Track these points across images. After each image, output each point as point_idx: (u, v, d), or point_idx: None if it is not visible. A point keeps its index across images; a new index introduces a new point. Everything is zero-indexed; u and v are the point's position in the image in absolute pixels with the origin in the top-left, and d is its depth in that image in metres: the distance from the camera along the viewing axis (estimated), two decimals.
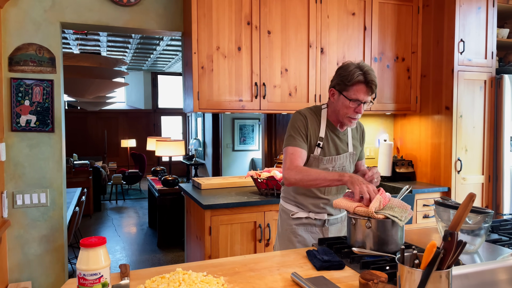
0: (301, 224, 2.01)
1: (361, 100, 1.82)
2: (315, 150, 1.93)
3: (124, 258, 4.94)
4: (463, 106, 3.38)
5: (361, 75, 1.79)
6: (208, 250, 2.66)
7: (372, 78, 1.79)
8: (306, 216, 2.00)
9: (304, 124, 1.92)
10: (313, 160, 1.94)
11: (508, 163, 3.45)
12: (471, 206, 0.98)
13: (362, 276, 1.31)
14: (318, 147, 1.92)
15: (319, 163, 1.93)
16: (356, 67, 1.82)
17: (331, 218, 2.03)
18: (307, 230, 2.00)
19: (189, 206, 3.19)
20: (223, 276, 1.41)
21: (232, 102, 3.02)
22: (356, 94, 1.81)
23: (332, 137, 1.97)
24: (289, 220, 2.03)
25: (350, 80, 1.80)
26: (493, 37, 3.44)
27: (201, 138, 10.36)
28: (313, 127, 1.93)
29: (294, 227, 2.01)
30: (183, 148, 5.51)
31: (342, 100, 1.86)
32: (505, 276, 1.31)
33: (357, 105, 1.83)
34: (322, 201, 1.98)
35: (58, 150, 2.94)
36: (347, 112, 1.86)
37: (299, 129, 1.91)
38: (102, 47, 8.26)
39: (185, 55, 3.15)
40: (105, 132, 11.70)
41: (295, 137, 1.91)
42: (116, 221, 6.94)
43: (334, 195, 2.00)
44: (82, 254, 1.22)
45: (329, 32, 3.28)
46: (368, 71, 1.80)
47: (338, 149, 1.98)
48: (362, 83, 1.80)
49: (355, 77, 1.79)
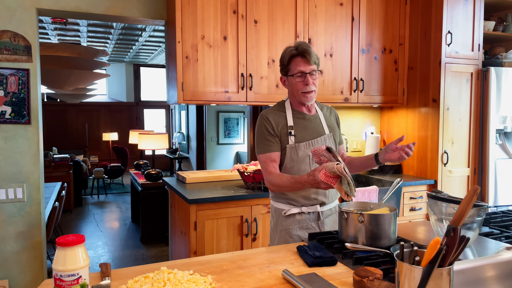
0: (295, 222, 1.95)
1: (303, 70, 1.87)
2: (289, 139, 1.92)
3: (107, 254, 4.82)
4: (450, 98, 3.37)
5: (294, 49, 1.88)
6: (194, 245, 2.59)
7: (304, 47, 1.85)
8: (299, 211, 1.94)
9: (268, 125, 1.93)
10: (291, 150, 1.92)
11: (493, 156, 3.46)
12: (475, 200, 0.93)
13: (356, 272, 1.26)
14: (291, 135, 1.92)
15: (297, 151, 1.92)
16: (289, 47, 1.91)
17: (325, 209, 1.97)
18: (303, 227, 1.95)
19: (174, 201, 3.10)
20: (211, 274, 1.34)
21: (217, 94, 2.93)
22: (296, 68, 1.87)
23: (302, 123, 1.97)
24: (282, 221, 1.97)
25: (286, 59, 1.89)
26: (480, 30, 3.43)
27: (185, 131, 10.22)
28: (279, 122, 1.94)
29: (289, 228, 1.95)
30: (167, 142, 5.40)
31: (290, 80, 1.92)
32: (503, 271, 1.28)
33: (303, 78, 1.87)
34: (312, 190, 1.93)
35: (35, 143, 2.81)
36: (298, 88, 1.89)
37: (264, 133, 1.93)
38: (82, 37, 8.03)
39: (169, 44, 3.05)
40: (86, 125, 11.44)
41: (262, 142, 1.93)
42: (98, 216, 6.79)
43: None
44: (58, 254, 1.13)
45: (316, 22, 3.22)
46: (300, 44, 1.87)
47: (312, 133, 1.98)
48: (296, 56, 1.87)
49: (288, 53, 1.89)
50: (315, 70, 1.89)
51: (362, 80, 3.42)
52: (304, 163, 1.92)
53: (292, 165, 1.93)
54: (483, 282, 1.26)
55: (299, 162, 1.92)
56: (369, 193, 3.04)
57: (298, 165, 1.92)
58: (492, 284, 1.27)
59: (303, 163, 1.92)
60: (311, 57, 1.86)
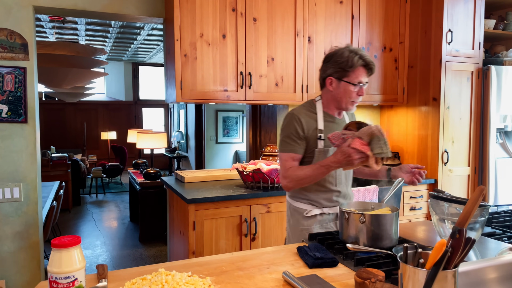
0: (316, 222, 1.96)
1: (363, 82, 1.87)
2: (318, 144, 1.90)
3: (105, 253, 4.80)
4: (450, 97, 3.34)
5: (360, 59, 1.83)
6: (192, 245, 2.56)
7: (370, 60, 1.86)
8: (320, 212, 1.95)
9: (298, 126, 1.89)
10: (319, 154, 1.90)
11: (493, 155, 3.44)
12: (481, 200, 0.90)
13: (358, 274, 1.23)
14: (321, 140, 1.91)
15: (326, 155, 1.89)
16: (350, 51, 1.85)
17: None
18: (322, 227, 1.96)
19: (172, 200, 3.07)
20: (209, 276, 1.31)
21: (216, 92, 2.91)
22: (358, 78, 1.85)
23: (332, 126, 1.95)
24: (303, 220, 1.96)
25: (352, 66, 1.83)
26: (480, 28, 3.41)
27: (183, 130, 10.18)
28: (310, 124, 1.91)
29: (310, 228, 1.95)
30: (165, 141, 5.37)
31: (343, 86, 1.87)
32: (506, 272, 1.25)
33: (359, 88, 1.87)
34: (334, 193, 1.96)
35: (32, 142, 2.78)
36: (350, 96, 1.88)
37: (292, 133, 1.89)
38: (81, 36, 7.99)
39: (167, 42, 3.02)
40: (84, 124, 11.40)
41: (287, 142, 1.90)
42: (96, 215, 6.76)
43: (344, 185, 1.99)
44: (53, 255, 1.11)
45: (316, 20, 3.19)
46: (364, 55, 1.86)
47: None
48: (362, 66, 1.84)
49: (355, 62, 1.83)
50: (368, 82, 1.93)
51: None
52: None
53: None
54: (486, 284, 1.24)
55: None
56: (369, 192, 3.02)
57: None
58: (495, 285, 1.25)
59: None
60: (372, 72, 1.89)
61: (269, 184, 2.78)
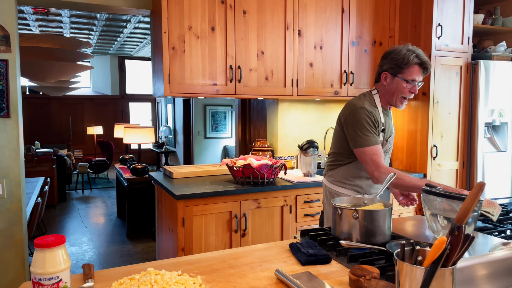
0: None
1: (417, 80, 1.95)
2: (380, 135, 2.03)
3: (92, 250, 4.72)
4: (439, 92, 3.35)
5: (416, 57, 1.92)
6: (181, 242, 2.52)
7: (426, 59, 1.94)
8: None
9: (372, 119, 1.96)
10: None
11: (481, 149, 3.46)
12: (480, 196, 0.88)
13: (352, 271, 1.21)
14: (382, 132, 2.03)
15: (383, 147, 2.05)
16: (407, 50, 1.94)
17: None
18: None
19: (160, 196, 3.02)
20: (200, 275, 1.27)
21: (205, 86, 2.86)
22: (412, 75, 1.94)
23: (386, 120, 2.07)
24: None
25: (407, 63, 1.92)
26: (469, 22, 3.41)
27: (171, 125, 10.08)
28: (376, 116, 2.00)
29: None
30: (153, 136, 5.29)
31: (397, 82, 1.97)
32: (500, 268, 1.24)
33: (411, 86, 1.96)
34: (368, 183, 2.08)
35: (15, 137, 2.70)
36: (402, 93, 1.98)
37: (370, 126, 1.95)
38: (65, 29, 7.83)
39: (155, 35, 2.95)
40: (69, 119, 11.21)
41: (369, 135, 1.94)
42: (82, 211, 6.66)
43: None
44: (37, 256, 1.06)
45: (306, 13, 3.15)
46: (421, 54, 1.94)
47: (390, 131, 2.12)
48: (417, 64, 1.93)
49: (411, 60, 1.92)
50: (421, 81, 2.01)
51: (352, 73, 3.38)
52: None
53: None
54: (479, 280, 1.23)
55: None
56: None
57: None
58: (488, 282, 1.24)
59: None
60: (427, 72, 1.98)
61: (259, 179, 2.74)
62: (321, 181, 2.91)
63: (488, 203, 1.72)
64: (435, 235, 1.62)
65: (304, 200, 2.88)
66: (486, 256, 1.27)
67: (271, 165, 2.74)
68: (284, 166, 2.81)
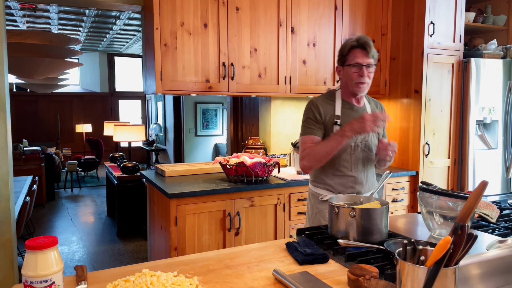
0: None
1: (360, 62, 1.90)
2: (334, 128, 1.98)
3: (81, 250, 4.66)
4: (431, 89, 3.36)
5: (354, 41, 1.92)
6: (174, 241, 2.49)
7: (364, 40, 1.90)
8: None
9: (316, 110, 1.99)
10: None
11: (472, 147, 3.48)
12: (483, 195, 0.87)
13: (351, 271, 1.20)
14: (336, 125, 1.98)
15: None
16: (350, 39, 1.97)
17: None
18: None
19: (152, 195, 2.98)
20: (196, 275, 1.25)
21: (198, 83, 2.82)
22: (354, 59, 1.91)
23: (349, 113, 2.01)
24: (318, 204, 2.05)
25: (345, 50, 1.94)
26: (461, 20, 3.42)
27: (161, 122, 10.00)
28: (327, 110, 2.00)
29: (323, 211, 2.03)
30: (144, 133, 5.23)
31: (345, 70, 1.96)
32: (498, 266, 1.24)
33: (358, 69, 1.91)
34: (350, 179, 2.00)
35: (3, 135, 2.63)
36: (352, 79, 1.94)
37: (310, 117, 2.00)
38: (53, 25, 7.70)
39: (146, 31, 2.91)
40: (58, 117, 11.05)
41: (306, 126, 2.01)
42: (71, 210, 6.57)
43: (361, 172, 2.01)
44: (28, 258, 1.02)
45: (299, 10, 3.13)
46: (361, 36, 1.93)
47: None
48: (355, 47, 1.92)
49: (348, 45, 1.93)
50: (372, 64, 1.93)
51: None
52: (345, 152, 1.98)
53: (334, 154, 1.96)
54: (476, 279, 1.22)
55: (340, 151, 1.97)
56: None
57: (339, 153, 1.98)
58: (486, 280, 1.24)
59: (344, 152, 1.98)
60: (370, 49, 1.91)
61: (252, 177, 2.72)
62: None
63: (486, 205, 1.72)
64: (432, 233, 1.62)
65: (298, 198, 2.86)
66: (482, 255, 1.27)
67: (264, 163, 2.72)
68: (277, 164, 2.79)
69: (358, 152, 1.99)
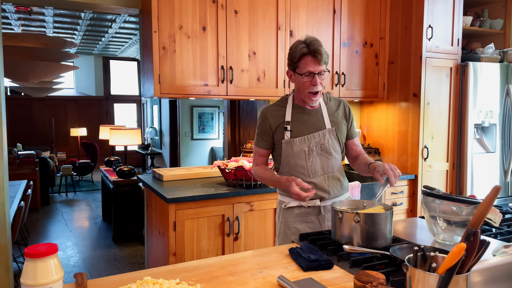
0: (294, 215, 1.94)
1: (312, 71, 1.79)
2: (285, 134, 1.91)
3: (77, 255, 4.60)
4: (430, 93, 3.36)
5: (305, 47, 1.78)
6: (173, 247, 2.45)
7: (315, 47, 1.76)
8: (298, 205, 1.92)
9: (263, 121, 1.96)
10: (286, 145, 1.92)
11: (470, 150, 3.48)
12: (495, 200, 0.86)
13: (357, 277, 1.17)
14: (287, 131, 1.91)
15: (292, 146, 1.91)
16: (300, 42, 1.81)
17: (327, 204, 1.92)
18: (302, 221, 1.93)
19: (150, 200, 2.95)
20: (199, 283, 1.22)
21: (196, 87, 2.80)
22: (306, 67, 1.79)
23: (301, 117, 1.93)
24: (283, 212, 1.97)
25: (296, 56, 1.80)
26: (459, 24, 3.43)
27: (157, 126, 9.95)
28: (275, 118, 1.94)
29: (288, 220, 1.95)
30: (140, 137, 5.20)
31: (297, 78, 1.85)
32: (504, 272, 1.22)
33: (311, 78, 1.81)
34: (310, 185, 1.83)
35: None
36: (305, 87, 1.84)
37: (259, 129, 1.99)
38: (48, 28, 7.65)
39: (144, 34, 2.88)
40: (52, 120, 10.97)
41: (256, 137, 2.02)
42: (66, 215, 6.50)
43: (320, 177, 1.91)
44: (28, 266, 1.00)
45: (298, 14, 3.12)
46: (312, 42, 1.78)
47: (310, 128, 1.92)
48: (306, 54, 1.78)
49: (298, 51, 1.79)
50: (324, 70, 1.82)
51: (344, 74, 3.36)
52: (299, 158, 1.90)
53: (288, 160, 1.92)
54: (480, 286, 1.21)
55: (294, 157, 1.91)
56: (352, 188, 2.99)
57: (294, 160, 1.91)
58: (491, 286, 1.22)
59: (298, 157, 1.90)
60: (322, 57, 1.78)
61: (252, 181, 2.70)
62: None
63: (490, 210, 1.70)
64: (435, 238, 1.60)
65: None
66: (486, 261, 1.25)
67: None
68: None
69: (313, 157, 1.89)
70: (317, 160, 1.90)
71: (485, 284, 1.21)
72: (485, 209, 0.85)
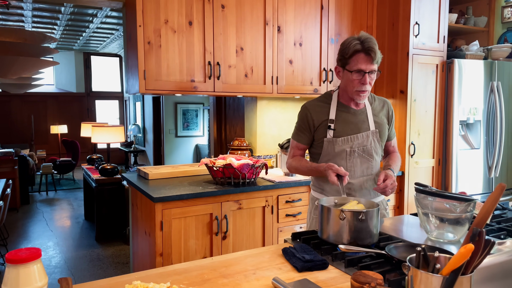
0: None
1: (363, 69, 1.75)
2: (327, 133, 1.88)
3: (59, 255, 4.48)
4: (417, 90, 3.36)
5: (359, 44, 1.75)
6: (160, 247, 2.39)
7: (370, 45, 1.74)
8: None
9: (306, 116, 1.92)
10: (328, 144, 1.89)
11: (456, 147, 3.51)
12: (500, 198, 0.84)
13: (354, 278, 1.14)
14: (330, 129, 1.87)
15: (334, 145, 1.88)
16: (353, 38, 1.77)
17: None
18: None
19: (136, 199, 2.87)
20: (191, 286, 1.18)
21: (183, 83, 2.73)
22: (357, 65, 1.75)
23: (346, 117, 1.89)
24: (315, 209, 1.96)
25: (348, 52, 1.76)
26: (445, 21, 3.44)
27: (140, 123, 9.80)
28: (318, 115, 1.90)
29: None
30: (123, 134, 5.09)
31: (346, 74, 1.81)
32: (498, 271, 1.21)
33: (361, 76, 1.76)
34: (346, 186, 1.83)
35: None
36: (353, 85, 1.80)
37: (300, 124, 1.95)
38: (27, 23, 7.43)
39: (128, 28, 2.80)
40: (31, 118, 10.69)
41: (296, 131, 1.98)
42: (47, 214, 6.34)
43: (358, 179, 1.89)
44: (9, 273, 0.93)
45: (286, 9, 3.08)
46: (366, 39, 1.75)
47: (354, 128, 1.89)
48: (360, 51, 1.74)
49: (352, 47, 1.74)
50: (375, 70, 1.78)
51: (331, 71, 3.34)
52: (340, 158, 1.88)
53: (328, 159, 1.89)
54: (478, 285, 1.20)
55: (335, 157, 1.88)
56: None
57: (334, 159, 1.88)
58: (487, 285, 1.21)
59: (338, 157, 1.88)
60: (375, 56, 1.74)
61: (240, 179, 2.65)
62: (302, 181, 2.86)
63: (479, 206, 1.70)
64: (429, 236, 1.59)
65: (286, 200, 2.81)
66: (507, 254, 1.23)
67: (252, 164, 2.66)
68: (265, 165, 2.73)
69: (354, 158, 1.88)
70: (358, 162, 1.88)
71: (480, 283, 1.20)
72: (491, 207, 0.83)
